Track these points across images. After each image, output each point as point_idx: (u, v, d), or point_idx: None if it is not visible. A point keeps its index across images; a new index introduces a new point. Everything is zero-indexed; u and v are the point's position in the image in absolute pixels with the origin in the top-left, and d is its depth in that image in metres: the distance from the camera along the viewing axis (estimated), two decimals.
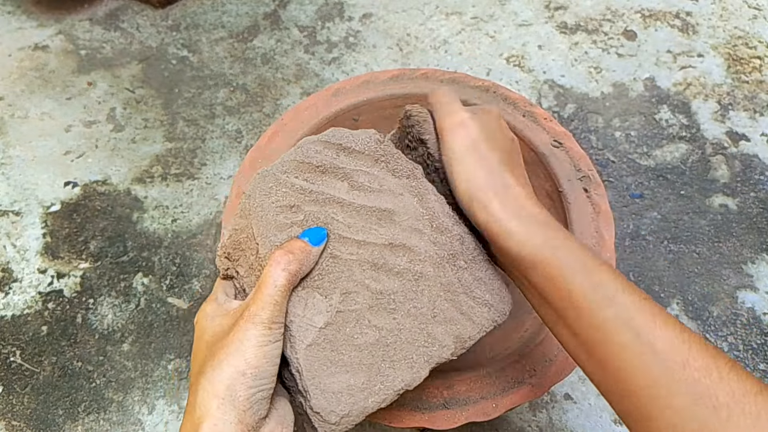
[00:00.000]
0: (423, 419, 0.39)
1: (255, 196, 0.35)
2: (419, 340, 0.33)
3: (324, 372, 0.31)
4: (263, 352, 0.28)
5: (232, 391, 0.27)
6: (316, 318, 0.32)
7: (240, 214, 0.35)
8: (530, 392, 0.40)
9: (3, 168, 0.75)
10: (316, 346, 0.31)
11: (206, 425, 0.27)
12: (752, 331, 0.62)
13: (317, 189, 0.35)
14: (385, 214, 0.35)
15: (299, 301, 0.32)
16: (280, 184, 0.35)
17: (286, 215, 0.34)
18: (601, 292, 0.29)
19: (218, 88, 0.83)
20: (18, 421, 0.57)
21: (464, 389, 0.40)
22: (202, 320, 0.32)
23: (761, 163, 0.75)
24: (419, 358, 0.33)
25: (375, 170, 0.36)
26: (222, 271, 0.35)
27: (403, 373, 0.32)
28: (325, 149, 0.36)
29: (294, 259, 0.31)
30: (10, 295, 0.65)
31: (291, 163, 0.36)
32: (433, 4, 0.93)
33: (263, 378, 0.28)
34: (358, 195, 0.36)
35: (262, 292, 0.30)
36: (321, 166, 0.36)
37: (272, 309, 0.29)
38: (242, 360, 0.28)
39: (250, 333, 0.28)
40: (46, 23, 0.90)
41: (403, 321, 0.33)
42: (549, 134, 0.50)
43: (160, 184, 0.74)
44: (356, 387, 0.31)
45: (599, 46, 0.88)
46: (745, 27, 0.90)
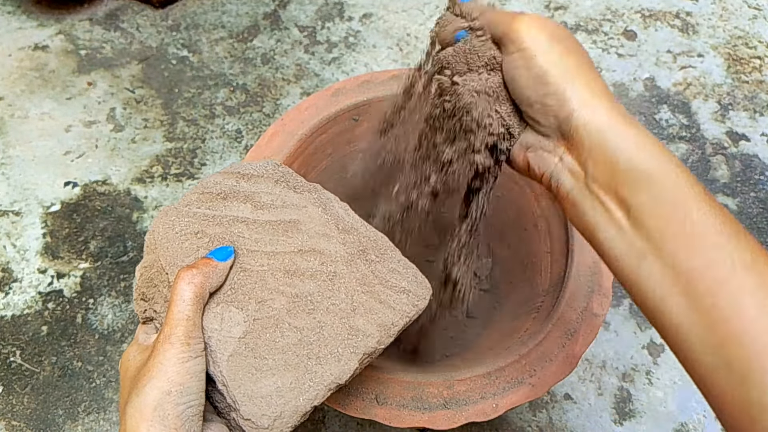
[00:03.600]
0: (423, 419, 0.39)
1: (158, 230, 0.35)
2: (342, 333, 0.33)
3: (249, 379, 0.31)
4: (185, 368, 0.28)
5: (161, 410, 0.27)
6: (234, 329, 0.32)
7: (146, 251, 0.36)
8: (530, 392, 0.40)
9: (3, 168, 0.75)
10: (237, 355, 0.31)
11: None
12: None
13: (220, 213, 0.36)
14: (290, 225, 0.36)
15: (215, 317, 0.32)
16: (182, 215, 0.36)
17: (192, 241, 0.35)
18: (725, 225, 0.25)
19: (218, 88, 0.83)
20: (18, 421, 0.57)
21: (464, 389, 0.40)
22: (125, 363, 0.31)
23: (761, 163, 0.75)
24: (345, 350, 0.33)
25: (276, 189, 0.38)
26: (140, 315, 0.35)
27: (331, 367, 0.32)
28: (224, 179, 0.38)
29: (198, 272, 0.31)
30: (10, 295, 0.65)
31: (192, 196, 0.37)
32: (433, 4, 0.93)
33: (190, 394, 0.28)
34: (262, 213, 0.37)
35: (172, 310, 0.29)
36: (221, 193, 0.37)
37: (185, 324, 0.29)
38: (165, 380, 0.27)
39: (168, 353, 0.28)
40: (46, 23, 0.90)
41: (323, 318, 0.34)
42: None
43: (160, 184, 0.74)
44: (285, 387, 0.31)
45: (599, 46, 0.88)
46: (745, 27, 0.90)
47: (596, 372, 0.61)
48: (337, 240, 0.36)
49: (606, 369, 0.61)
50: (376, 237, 0.37)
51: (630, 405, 0.59)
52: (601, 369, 0.61)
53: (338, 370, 0.33)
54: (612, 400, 0.59)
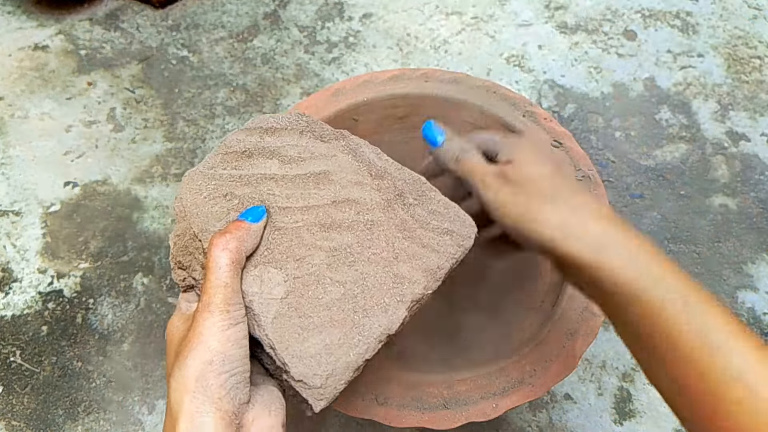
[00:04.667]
0: (423, 419, 0.39)
1: (186, 196, 0.35)
2: (387, 283, 0.33)
3: (296, 339, 0.30)
4: (226, 336, 0.27)
5: (203, 381, 0.26)
6: (275, 290, 0.31)
7: (177, 219, 0.35)
8: (530, 392, 0.40)
9: (3, 168, 0.75)
10: (281, 316, 0.31)
11: (182, 421, 0.26)
12: (752, 331, 0.62)
13: (247, 172, 0.35)
14: (321, 177, 0.36)
15: (254, 280, 0.32)
16: (209, 179, 0.35)
17: (221, 204, 0.34)
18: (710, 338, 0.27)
19: (218, 88, 0.83)
20: (18, 421, 0.57)
21: (464, 389, 0.40)
22: (170, 333, 0.31)
23: (761, 163, 0.75)
24: (391, 299, 0.32)
25: (302, 141, 0.37)
26: (180, 283, 0.35)
27: (378, 318, 0.32)
28: (247, 136, 0.37)
29: (232, 237, 0.30)
30: (10, 295, 0.65)
31: (215, 158, 0.36)
32: (433, 4, 0.93)
33: (232, 362, 0.27)
34: (290, 167, 0.36)
35: (209, 278, 0.29)
36: (246, 150, 0.36)
37: (224, 291, 0.29)
38: (206, 349, 0.27)
39: (208, 322, 0.28)
40: (46, 23, 0.90)
41: (365, 269, 0.33)
42: (549, 134, 0.50)
43: (160, 184, 0.74)
44: (333, 344, 0.31)
45: (599, 46, 0.88)
46: (745, 27, 0.90)
47: (596, 372, 0.61)
48: (371, 187, 0.36)
49: (606, 369, 0.61)
50: (412, 179, 0.36)
51: (630, 405, 0.59)
52: (601, 369, 0.61)
53: (387, 320, 0.32)
54: (612, 400, 0.59)
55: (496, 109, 0.51)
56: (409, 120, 0.54)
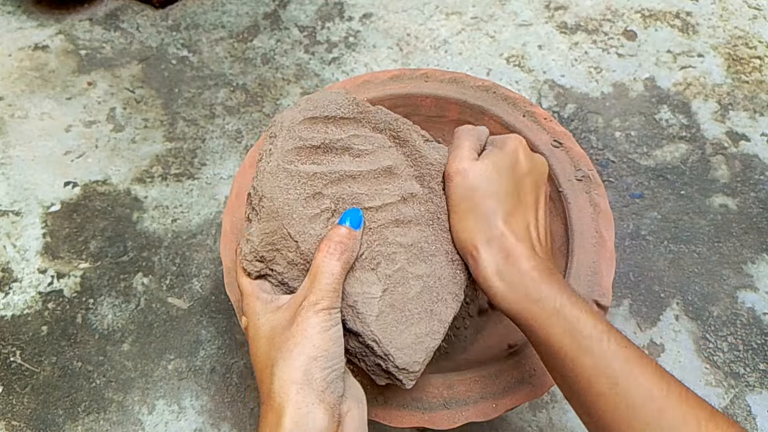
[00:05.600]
0: (423, 419, 0.39)
1: (275, 196, 0.35)
2: (451, 271, 0.36)
3: (395, 332, 0.34)
4: (328, 336, 0.30)
5: (309, 375, 0.29)
6: (373, 289, 0.35)
7: (264, 218, 0.35)
8: (530, 392, 0.40)
9: (3, 168, 0.75)
10: (382, 314, 0.34)
11: (289, 410, 0.28)
12: (752, 331, 0.62)
13: (327, 169, 0.37)
14: (387, 172, 0.38)
15: (356, 282, 0.34)
16: (293, 176, 0.35)
17: (313, 205, 0.36)
18: (578, 341, 0.30)
19: (218, 88, 0.83)
20: (18, 421, 0.57)
21: (464, 389, 0.40)
22: (254, 319, 0.33)
23: (761, 163, 0.75)
24: (455, 286, 0.36)
25: (362, 131, 0.38)
26: (253, 273, 0.36)
27: (449, 305, 0.36)
28: (315, 126, 0.37)
29: (345, 248, 0.33)
30: (10, 295, 0.65)
31: (291, 152, 0.36)
32: (433, 4, 0.93)
33: (333, 359, 0.30)
34: (360, 162, 0.37)
35: (320, 281, 0.31)
36: (320, 145, 0.37)
37: (331, 296, 0.31)
38: (311, 346, 0.29)
39: (312, 321, 0.30)
40: (46, 23, 0.90)
41: (435, 261, 0.36)
42: (549, 134, 0.50)
43: (160, 184, 0.74)
44: (422, 333, 0.35)
45: (599, 46, 0.88)
46: (745, 27, 0.90)
47: None
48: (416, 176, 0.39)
49: None
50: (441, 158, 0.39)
51: None
52: None
53: (454, 305, 0.36)
54: None
55: (496, 109, 0.51)
56: (409, 120, 0.54)
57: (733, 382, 0.59)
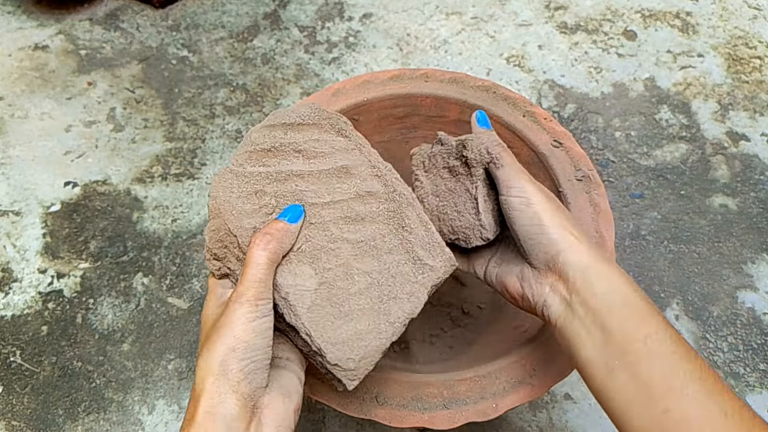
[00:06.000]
0: (423, 419, 0.39)
1: (219, 195, 0.37)
2: (409, 270, 0.35)
3: (330, 327, 0.33)
4: (251, 327, 0.30)
5: (225, 365, 0.29)
6: (308, 282, 0.34)
7: (212, 216, 0.37)
8: (530, 392, 0.40)
9: (3, 168, 0.75)
10: (315, 307, 0.33)
11: (204, 399, 0.29)
12: (752, 331, 0.62)
13: (274, 169, 0.37)
14: (343, 171, 0.38)
15: (289, 273, 0.34)
16: (239, 176, 0.37)
17: (253, 201, 0.36)
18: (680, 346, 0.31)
19: (218, 88, 0.83)
20: (18, 421, 0.57)
21: (464, 389, 0.40)
22: (205, 314, 0.34)
23: (761, 163, 0.75)
24: (413, 286, 0.35)
25: (323, 136, 0.39)
26: (215, 272, 0.37)
27: (403, 304, 0.35)
28: (271, 132, 0.38)
29: (272, 238, 0.33)
30: (10, 295, 0.65)
31: (242, 155, 0.38)
32: (433, 4, 0.94)
33: (254, 351, 0.30)
34: (314, 163, 0.38)
35: (246, 273, 0.32)
36: (272, 148, 0.38)
37: (257, 287, 0.31)
38: (231, 337, 0.30)
39: (237, 312, 0.31)
40: (46, 23, 0.91)
41: (389, 258, 0.36)
42: (549, 134, 0.50)
43: (160, 184, 0.74)
44: (364, 330, 0.33)
45: (599, 46, 0.88)
46: (745, 27, 0.90)
47: None
48: (380, 178, 0.38)
49: None
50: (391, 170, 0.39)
51: None
52: None
53: (410, 306, 0.35)
54: None
55: (496, 109, 0.51)
56: (409, 120, 0.54)
57: (733, 382, 0.59)
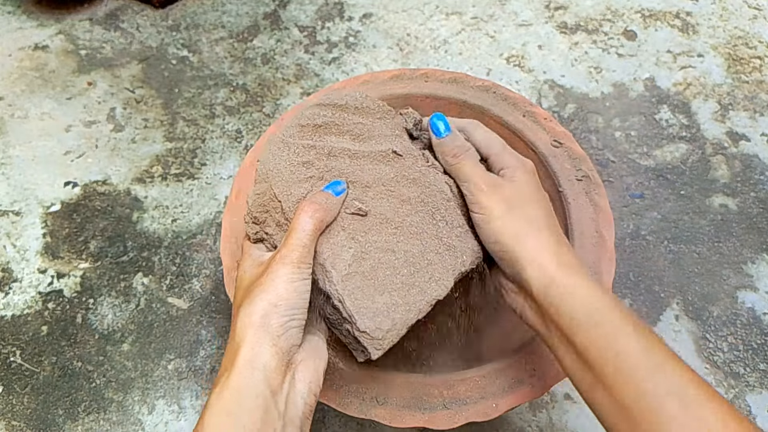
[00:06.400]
0: (423, 419, 0.39)
1: (268, 161, 0.38)
2: (440, 256, 0.37)
3: (363, 296, 0.34)
4: (293, 287, 0.32)
5: (266, 319, 0.31)
6: (346, 254, 0.35)
7: (258, 180, 0.39)
8: (530, 392, 0.40)
9: (3, 168, 0.75)
10: (350, 276, 0.35)
11: (244, 349, 0.30)
12: (752, 331, 0.62)
13: (324, 144, 0.39)
14: (390, 155, 0.39)
15: (329, 243, 0.35)
16: (290, 146, 0.39)
17: (301, 171, 0.38)
18: (653, 358, 0.29)
19: (218, 88, 0.83)
20: (18, 421, 0.57)
21: (464, 389, 0.40)
22: (241, 273, 0.35)
23: (761, 163, 0.75)
24: (444, 270, 0.37)
25: (372, 121, 0.41)
26: (252, 236, 0.38)
27: (432, 285, 0.36)
28: (322, 111, 0.40)
29: (320, 208, 0.35)
30: (10, 295, 0.65)
31: (294, 128, 0.39)
32: (433, 4, 0.94)
33: (294, 309, 0.31)
34: (362, 143, 0.40)
35: (292, 237, 0.33)
36: (322, 125, 0.39)
37: (301, 251, 0.33)
38: (274, 294, 0.31)
39: (280, 272, 0.32)
40: (46, 23, 0.90)
41: (423, 242, 0.37)
42: (549, 134, 0.50)
43: (160, 184, 0.74)
44: (395, 304, 0.35)
45: (599, 46, 0.88)
46: (745, 27, 0.90)
47: None
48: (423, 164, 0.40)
49: None
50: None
51: None
52: None
53: (438, 288, 0.36)
54: None
55: (496, 109, 0.51)
56: None
57: (733, 382, 0.59)
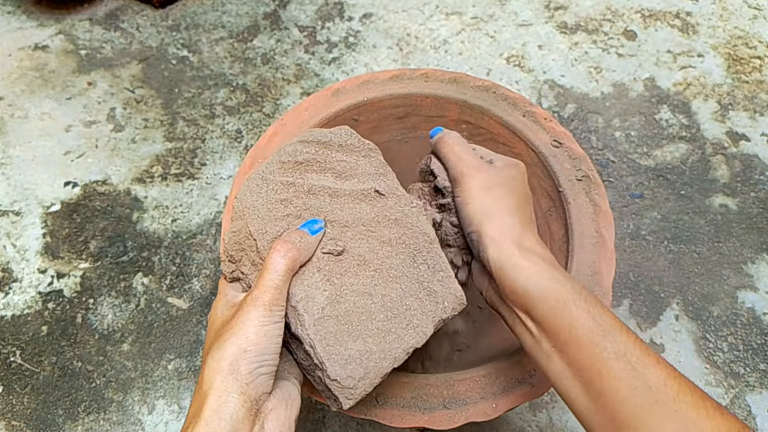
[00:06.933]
0: (423, 419, 0.39)
1: (246, 197, 0.37)
2: (420, 302, 0.35)
3: (335, 342, 0.33)
4: (264, 331, 0.30)
5: (235, 366, 0.29)
6: (320, 296, 0.34)
7: (234, 217, 0.37)
8: (530, 392, 0.40)
9: (3, 168, 0.75)
10: (323, 320, 0.33)
11: (211, 397, 0.29)
12: (752, 331, 0.62)
13: (304, 182, 0.37)
14: (372, 194, 0.38)
15: (303, 284, 0.34)
16: (268, 183, 0.37)
17: (279, 209, 0.36)
18: (602, 326, 0.31)
19: (218, 88, 0.83)
20: (18, 421, 0.57)
21: (464, 389, 0.40)
22: (213, 316, 0.34)
23: (761, 163, 0.75)
24: (423, 317, 0.35)
25: (356, 159, 0.39)
26: (228, 275, 0.37)
27: (410, 332, 0.34)
28: (304, 147, 0.39)
29: (293, 247, 0.33)
30: (10, 295, 0.65)
31: (275, 164, 0.38)
32: (433, 4, 0.94)
33: (265, 355, 0.30)
34: (344, 182, 0.38)
35: (263, 277, 0.32)
36: (304, 162, 0.38)
37: (273, 292, 0.31)
38: (244, 338, 0.30)
39: (251, 314, 0.31)
40: (46, 23, 0.90)
41: (403, 286, 0.35)
42: (549, 134, 0.50)
43: (160, 184, 0.74)
44: (368, 352, 0.33)
45: (599, 46, 0.88)
46: (745, 27, 0.90)
47: None
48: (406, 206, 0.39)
49: None
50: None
51: None
52: None
53: (416, 336, 0.35)
54: None
55: (496, 109, 0.51)
56: (409, 120, 0.54)
57: (733, 382, 0.59)
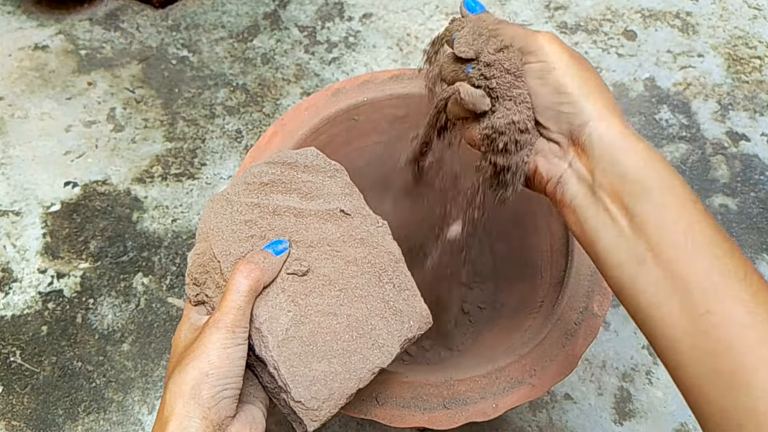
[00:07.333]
0: (423, 419, 0.39)
1: (210, 219, 0.37)
2: (386, 322, 0.35)
3: (299, 363, 0.33)
4: (226, 354, 0.30)
5: (197, 390, 0.29)
6: (284, 317, 0.33)
7: (199, 239, 0.37)
8: (530, 392, 0.40)
9: (3, 168, 0.75)
10: (287, 341, 0.33)
11: (173, 423, 0.28)
12: None
13: (269, 203, 0.37)
14: (337, 214, 0.38)
15: (266, 305, 0.33)
16: (233, 204, 0.37)
17: (243, 230, 0.36)
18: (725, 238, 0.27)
19: (218, 88, 0.83)
20: (18, 421, 0.57)
21: (464, 389, 0.40)
22: (176, 340, 0.33)
23: (761, 163, 0.75)
24: (389, 336, 0.35)
25: (321, 180, 0.39)
26: (192, 298, 0.36)
27: (375, 353, 0.34)
28: (270, 168, 0.38)
29: (256, 267, 0.33)
30: (10, 295, 0.65)
31: (239, 185, 0.38)
32: (433, 4, 0.93)
33: (227, 378, 0.29)
34: (309, 202, 0.38)
35: (226, 298, 0.31)
36: (269, 183, 0.38)
37: (235, 314, 0.31)
38: (206, 362, 0.29)
39: (213, 337, 0.30)
40: (46, 23, 0.90)
41: (368, 306, 0.35)
42: None
43: (160, 184, 0.74)
44: (333, 372, 0.33)
45: (599, 46, 0.88)
46: (745, 27, 0.90)
47: (596, 372, 0.61)
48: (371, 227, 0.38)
49: (606, 369, 0.61)
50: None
51: (630, 405, 0.59)
52: (601, 369, 0.61)
53: (382, 356, 0.34)
54: (612, 400, 0.59)
55: None
56: (409, 120, 0.54)
57: None
